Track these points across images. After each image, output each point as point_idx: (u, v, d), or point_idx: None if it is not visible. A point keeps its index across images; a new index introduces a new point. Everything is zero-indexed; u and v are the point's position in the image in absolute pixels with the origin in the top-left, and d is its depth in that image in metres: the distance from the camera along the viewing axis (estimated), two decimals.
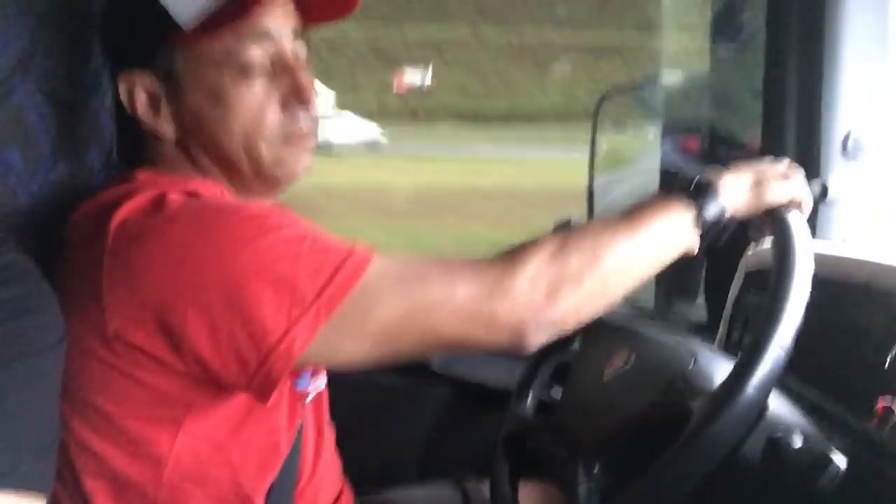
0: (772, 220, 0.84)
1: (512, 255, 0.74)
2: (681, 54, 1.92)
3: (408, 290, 0.72)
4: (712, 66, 1.67)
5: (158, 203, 0.74)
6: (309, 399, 0.90)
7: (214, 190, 0.82)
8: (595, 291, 0.75)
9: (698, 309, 1.40)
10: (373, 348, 0.73)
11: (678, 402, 0.79)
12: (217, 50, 0.80)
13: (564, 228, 1.04)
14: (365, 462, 1.02)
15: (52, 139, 0.84)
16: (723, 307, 1.16)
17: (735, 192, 0.82)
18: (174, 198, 0.75)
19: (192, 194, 0.77)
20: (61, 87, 0.86)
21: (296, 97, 0.83)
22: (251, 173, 0.83)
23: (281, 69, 0.82)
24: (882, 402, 0.86)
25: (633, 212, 0.79)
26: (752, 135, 1.61)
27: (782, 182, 0.85)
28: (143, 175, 0.82)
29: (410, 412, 1.43)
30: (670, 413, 0.78)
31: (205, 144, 0.83)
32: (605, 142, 2.14)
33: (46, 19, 0.83)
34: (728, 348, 1.11)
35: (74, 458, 0.76)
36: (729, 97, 1.74)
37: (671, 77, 1.90)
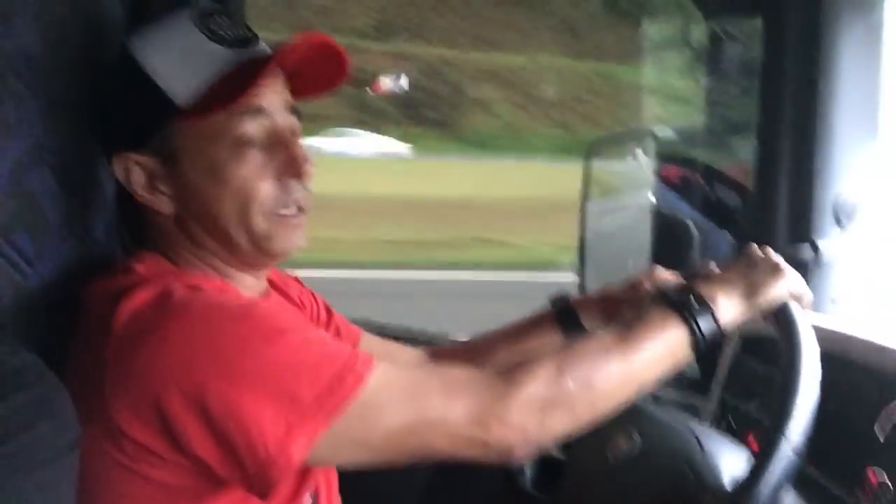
0: (773, 317, 0.84)
1: (509, 378, 0.76)
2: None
3: (407, 408, 0.73)
4: (706, 109, 1.70)
5: (163, 298, 0.75)
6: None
7: (217, 285, 0.82)
8: (585, 411, 0.78)
9: (691, 365, 1.42)
10: (370, 457, 0.75)
11: (690, 498, 0.81)
12: (213, 127, 0.81)
13: (559, 302, 1.07)
14: None
15: (61, 218, 0.85)
16: (713, 364, 1.19)
17: (728, 305, 0.82)
18: (179, 293, 0.75)
19: (195, 288, 0.77)
20: (73, 167, 0.87)
21: (290, 170, 0.83)
22: (247, 245, 0.84)
23: (276, 142, 0.83)
24: (873, 476, 0.89)
25: (628, 333, 0.80)
26: (739, 167, 1.64)
27: (774, 283, 0.85)
28: (146, 262, 0.83)
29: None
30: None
31: (202, 218, 0.83)
32: (599, 173, 2.16)
33: (59, 103, 0.84)
34: (725, 412, 1.14)
35: None
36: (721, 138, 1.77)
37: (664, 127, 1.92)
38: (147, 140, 0.82)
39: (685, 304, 0.80)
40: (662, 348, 0.80)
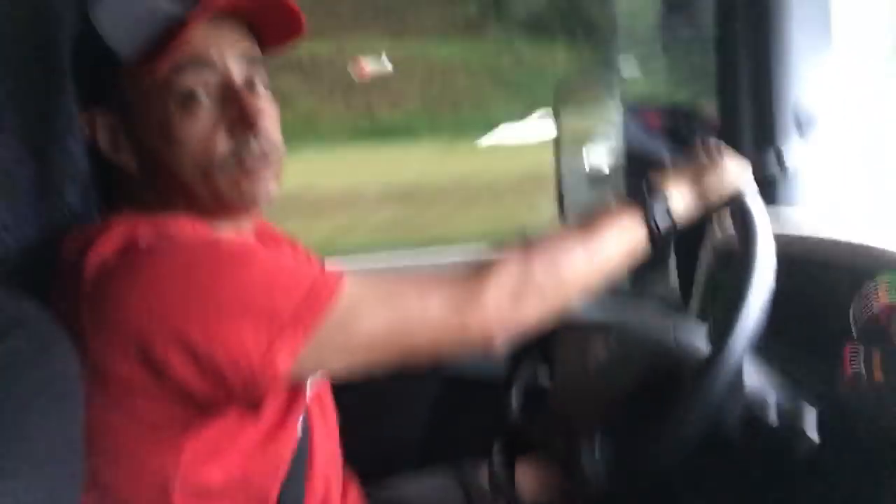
0: (730, 210, 0.92)
1: (480, 270, 0.80)
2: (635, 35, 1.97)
3: (385, 308, 0.76)
4: (665, 46, 1.72)
5: (130, 240, 0.76)
6: (308, 392, 0.91)
7: (186, 225, 0.83)
8: (555, 296, 0.82)
9: (671, 287, 1.46)
10: (355, 363, 0.77)
11: (665, 372, 0.87)
12: (159, 81, 0.81)
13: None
14: (365, 452, 1.05)
15: (31, 182, 0.86)
16: (690, 282, 1.23)
17: (678, 194, 0.90)
18: (145, 234, 0.77)
19: (162, 230, 0.79)
20: (37, 131, 0.87)
21: (242, 124, 0.82)
22: (212, 202, 0.84)
23: (227, 96, 0.82)
24: (850, 365, 0.92)
25: (587, 223, 0.86)
26: (710, 104, 1.66)
27: (722, 175, 0.92)
28: (118, 217, 0.83)
29: (409, 403, 1.47)
30: (660, 384, 0.87)
31: (164, 177, 0.83)
32: (568, 123, 2.17)
33: (18, 70, 0.84)
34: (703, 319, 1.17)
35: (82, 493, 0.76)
36: (683, 74, 1.79)
37: (627, 62, 1.94)
38: (106, 96, 0.83)
39: (638, 193, 0.88)
40: (621, 234, 0.86)
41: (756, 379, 0.85)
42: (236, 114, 0.82)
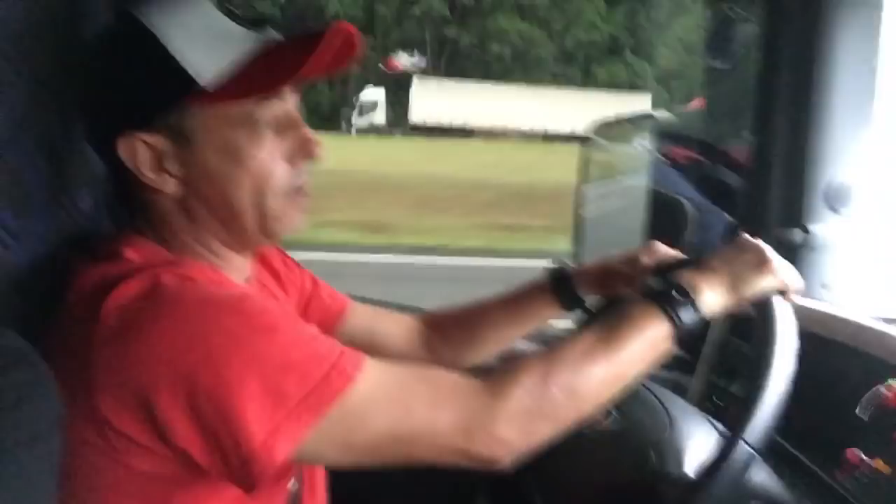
0: (756, 310, 0.83)
1: (496, 390, 0.76)
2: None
3: (394, 413, 0.73)
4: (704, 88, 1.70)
5: (154, 290, 0.74)
6: None
7: (209, 276, 0.81)
8: (569, 419, 0.78)
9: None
10: (352, 460, 0.75)
11: (648, 479, 0.84)
12: (232, 109, 0.79)
13: (556, 273, 1.06)
14: (352, 489, 1.03)
15: (45, 192, 0.85)
16: (701, 344, 1.21)
17: (711, 296, 0.82)
18: (168, 284, 0.75)
19: (186, 279, 0.76)
20: (57, 142, 0.86)
21: (303, 152, 0.83)
22: (254, 227, 0.84)
23: (288, 125, 0.83)
24: (852, 456, 0.90)
25: (611, 331, 0.80)
26: (742, 149, 1.64)
27: (760, 276, 0.84)
28: (136, 247, 0.81)
29: None
30: (639, 490, 0.83)
31: (212, 200, 0.82)
32: (598, 153, 2.17)
33: (42, 79, 0.83)
34: (711, 391, 1.15)
35: None
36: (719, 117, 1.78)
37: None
38: (157, 120, 0.79)
39: (667, 298, 0.80)
40: (645, 344, 0.80)
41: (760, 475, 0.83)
42: (297, 144, 0.83)
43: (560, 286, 1.06)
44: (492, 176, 12.63)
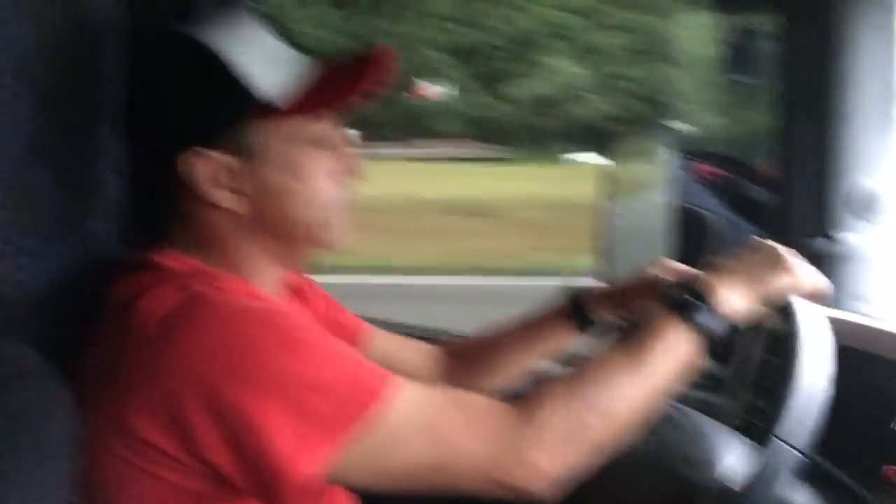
0: (778, 311, 0.83)
1: (530, 418, 0.75)
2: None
3: (427, 444, 0.73)
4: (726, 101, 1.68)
5: (189, 299, 0.75)
6: None
7: (242, 288, 0.82)
8: (605, 442, 0.77)
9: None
10: (385, 485, 0.74)
11: (689, 498, 0.83)
12: (292, 127, 0.82)
13: (571, 297, 1.06)
14: None
15: (60, 214, 0.86)
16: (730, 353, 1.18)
17: (727, 296, 0.81)
18: (205, 294, 0.75)
19: (221, 290, 0.77)
20: (70, 164, 0.88)
21: (352, 172, 0.86)
22: (308, 240, 0.86)
23: (337, 143, 0.85)
24: (891, 473, 0.88)
25: (636, 347, 0.79)
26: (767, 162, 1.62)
27: (778, 274, 0.84)
28: (168, 257, 0.82)
29: None
30: None
31: (268, 213, 0.83)
32: (622, 172, 2.15)
33: (53, 96, 0.84)
34: (748, 412, 1.13)
35: None
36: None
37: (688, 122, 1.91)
38: (222, 137, 0.81)
39: (683, 302, 0.80)
40: (672, 355, 0.79)
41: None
42: (343, 161, 0.86)
43: (577, 311, 1.06)
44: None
